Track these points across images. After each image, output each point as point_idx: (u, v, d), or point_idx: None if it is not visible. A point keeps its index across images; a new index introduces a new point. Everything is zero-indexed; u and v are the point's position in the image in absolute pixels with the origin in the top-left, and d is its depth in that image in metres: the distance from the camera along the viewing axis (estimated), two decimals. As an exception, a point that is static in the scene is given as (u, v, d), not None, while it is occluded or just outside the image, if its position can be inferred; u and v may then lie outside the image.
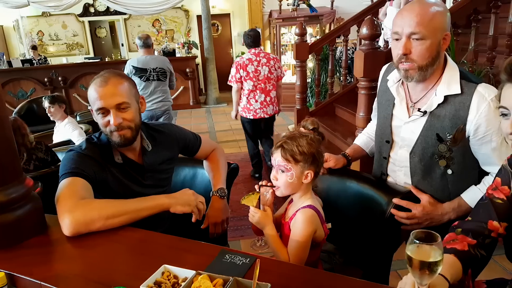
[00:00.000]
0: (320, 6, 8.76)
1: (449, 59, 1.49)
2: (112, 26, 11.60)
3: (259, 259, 1.01)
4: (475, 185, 1.51)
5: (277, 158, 1.41)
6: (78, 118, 4.79)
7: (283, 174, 1.40)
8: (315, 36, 8.24)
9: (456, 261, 1.10)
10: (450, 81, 1.44)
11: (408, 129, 1.56)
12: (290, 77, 8.25)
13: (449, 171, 1.51)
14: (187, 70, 8.75)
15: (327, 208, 1.49)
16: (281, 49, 8.50)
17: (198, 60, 10.13)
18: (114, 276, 1.11)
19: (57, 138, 3.83)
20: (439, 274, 0.97)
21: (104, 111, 1.49)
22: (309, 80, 6.66)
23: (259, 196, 1.44)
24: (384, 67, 1.74)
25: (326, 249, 1.67)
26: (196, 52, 10.01)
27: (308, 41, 5.11)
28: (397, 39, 1.43)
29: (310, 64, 7.03)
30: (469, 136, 1.44)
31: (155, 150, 1.67)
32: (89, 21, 10.65)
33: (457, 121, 1.43)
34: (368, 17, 2.86)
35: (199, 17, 9.81)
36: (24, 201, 1.29)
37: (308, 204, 1.39)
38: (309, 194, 1.44)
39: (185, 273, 1.02)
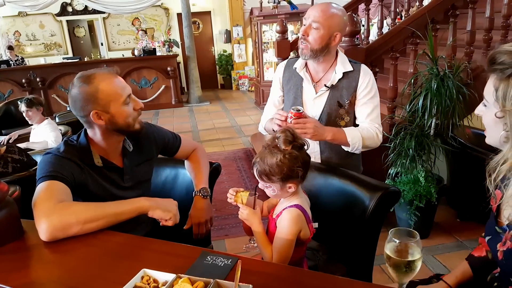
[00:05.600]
0: (300, 4, 8.75)
1: (340, 51, 2.00)
2: (90, 25, 11.41)
3: (240, 260, 0.99)
4: None
5: (256, 174, 1.41)
6: (57, 120, 4.70)
7: (267, 189, 1.42)
8: (296, 34, 8.24)
9: (467, 269, 1.26)
10: (343, 63, 1.94)
11: (316, 102, 1.96)
12: (272, 75, 8.23)
13: None
14: (168, 68, 8.67)
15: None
16: (262, 46, 8.48)
17: (179, 58, 10.06)
18: (92, 281, 1.08)
19: (34, 137, 3.78)
20: (443, 281, 1.02)
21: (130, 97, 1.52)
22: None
23: (248, 194, 1.45)
24: (284, 63, 2.12)
25: (309, 246, 1.67)
26: (177, 50, 9.93)
27: (289, 38, 5.10)
28: (304, 24, 1.87)
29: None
30: (357, 99, 1.94)
31: (135, 151, 1.64)
32: (67, 21, 10.46)
33: (350, 89, 1.93)
34: (348, 13, 2.86)
35: (179, 15, 9.73)
36: (-2, 206, 1.25)
37: (295, 204, 1.39)
38: (298, 193, 1.44)
39: (165, 276, 1.00)
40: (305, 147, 1.40)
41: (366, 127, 1.92)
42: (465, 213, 3.27)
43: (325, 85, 1.94)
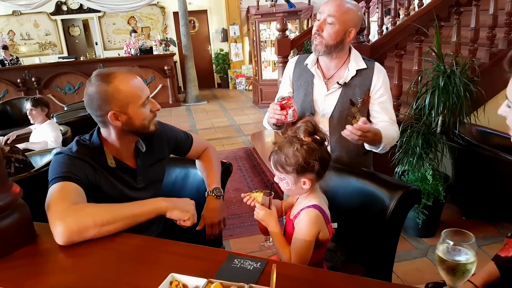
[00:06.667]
0: (297, 2, 8.75)
1: (353, 48, 1.95)
2: (85, 25, 11.31)
3: (275, 264, 0.95)
4: None
5: (272, 166, 1.39)
6: (55, 120, 4.63)
7: (281, 182, 1.39)
8: (294, 32, 8.21)
9: (494, 269, 1.22)
10: (356, 60, 1.90)
11: (327, 99, 1.92)
12: (270, 74, 8.20)
13: None
14: (165, 68, 8.61)
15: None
16: (260, 45, 8.44)
17: (176, 57, 9.99)
18: (112, 287, 1.04)
19: (34, 137, 3.74)
20: (469, 281, 1.00)
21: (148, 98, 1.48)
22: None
23: (263, 194, 1.42)
24: (294, 59, 2.08)
25: (327, 247, 1.64)
26: (173, 49, 9.86)
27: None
28: (318, 20, 1.83)
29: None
30: (370, 97, 1.91)
31: (147, 152, 1.59)
32: (62, 20, 10.36)
33: (364, 88, 1.88)
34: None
35: (175, 13, 9.66)
36: (10, 209, 1.21)
37: (313, 204, 1.35)
38: (315, 193, 1.40)
39: (195, 281, 0.95)
40: (326, 143, 1.36)
41: (390, 127, 1.87)
42: (471, 211, 3.26)
43: (337, 83, 1.89)
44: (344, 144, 1.92)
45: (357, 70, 1.88)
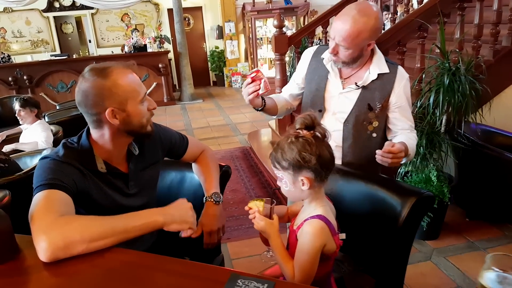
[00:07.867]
0: (294, -2, 8.66)
1: (377, 49, 1.81)
2: (78, 22, 11.14)
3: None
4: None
5: (272, 166, 1.30)
6: (46, 119, 4.50)
7: (280, 182, 1.30)
8: (291, 29, 8.11)
9: None
10: (379, 63, 1.78)
11: (341, 99, 1.83)
12: (267, 71, 8.10)
13: (374, 135, 1.83)
14: (160, 65, 8.48)
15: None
16: (256, 42, 8.33)
17: (171, 55, 9.85)
18: (102, 310, 0.94)
19: (24, 138, 3.62)
20: None
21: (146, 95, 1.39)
22: (288, 73, 6.51)
23: (264, 203, 1.31)
24: (312, 50, 1.97)
25: (333, 258, 1.54)
26: (168, 47, 9.73)
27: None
28: (332, 38, 1.72)
29: (286, 58, 6.89)
30: (389, 104, 1.80)
31: (140, 155, 1.48)
32: (54, 17, 10.18)
33: (384, 93, 1.77)
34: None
35: (169, 10, 9.53)
36: (-12, 222, 1.10)
37: (317, 214, 1.24)
38: (320, 200, 1.29)
39: (193, 308, 0.85)
40: (326, 139, 1.26)
41: (411, 136, 1.80)
42: (474, 212, 3.18)
43: (355, 84, 1.79)
44: (357, 150, 1.85)
45: (378, 74, 1.77)
